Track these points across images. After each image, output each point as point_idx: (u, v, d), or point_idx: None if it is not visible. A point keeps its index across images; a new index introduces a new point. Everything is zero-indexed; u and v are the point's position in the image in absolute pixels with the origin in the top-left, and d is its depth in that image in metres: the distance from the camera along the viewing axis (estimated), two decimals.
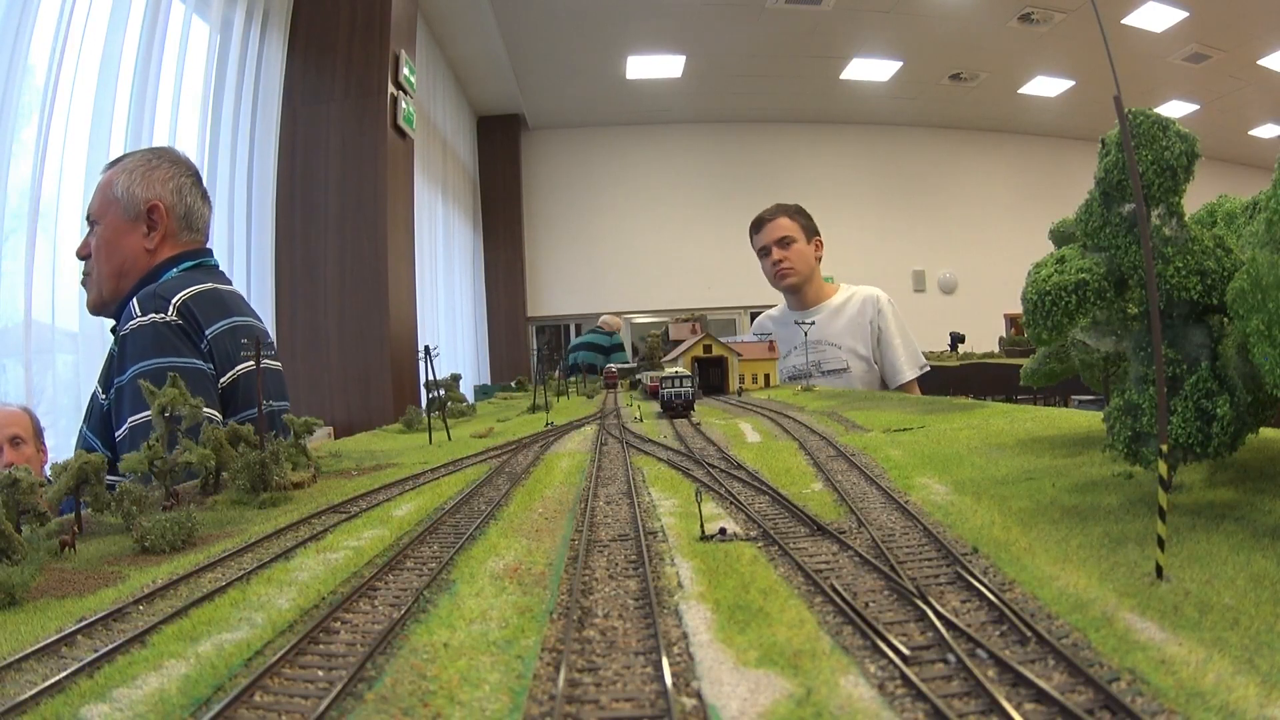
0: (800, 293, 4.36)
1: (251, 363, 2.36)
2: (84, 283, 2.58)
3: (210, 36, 4.71)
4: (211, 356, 2.31)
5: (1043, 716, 0.52)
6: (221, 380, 2.32)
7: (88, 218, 2.56)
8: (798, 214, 4.38)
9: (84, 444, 2.40)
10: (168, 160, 2.60)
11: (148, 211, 2.46)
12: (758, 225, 4.43)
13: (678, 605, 0.76)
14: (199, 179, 2.64)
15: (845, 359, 4.14)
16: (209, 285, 2.46)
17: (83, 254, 2.56)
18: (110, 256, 2.50)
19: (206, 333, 2.31)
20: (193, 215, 2.55)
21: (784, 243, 4.32)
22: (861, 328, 4.13)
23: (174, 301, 2.29)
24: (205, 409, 2.07)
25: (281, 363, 2.98)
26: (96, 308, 2.56)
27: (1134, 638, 0.62)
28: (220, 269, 2.70)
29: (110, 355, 2.36)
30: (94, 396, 2.40)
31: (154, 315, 2.25)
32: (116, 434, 2.23)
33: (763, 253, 4.40)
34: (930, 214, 12.89)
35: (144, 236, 2.46)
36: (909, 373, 4.05)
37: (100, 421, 2.33)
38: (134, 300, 2.31)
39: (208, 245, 2.70)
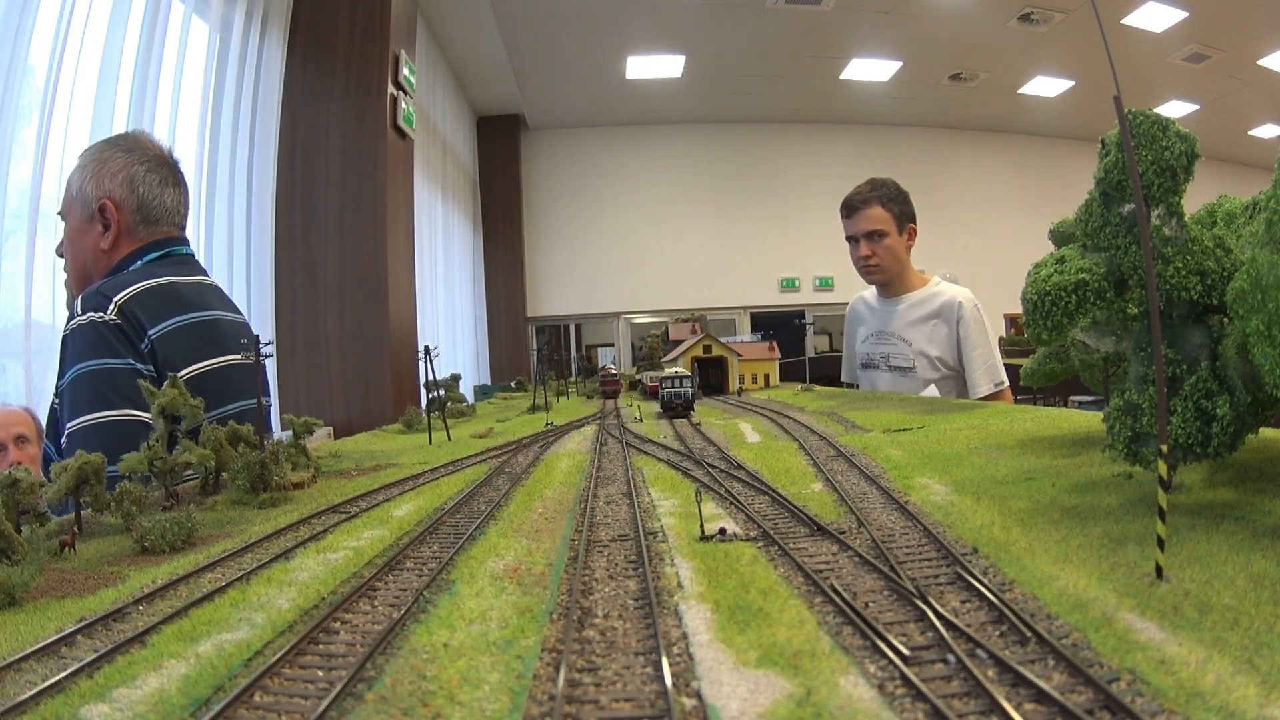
0: (893, 286, 4.03)
1: (201, 364, 2.23)
2: (66, 283, 2.47)
3: (210, 36, 4.71)
4: (153, 358, 2.15)
5: (1043, 716, 0.52)
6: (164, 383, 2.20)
7: (59, 213, 2.43)
8: (892, 201, 3.90)
9: (44, 458, 2.25)
10: (123, 149, 2.40)
11: (99, 210, 2.30)
12: (848, 209, 4.00)
13: (678, 605, 0.76)
14: (163, 163, 2.42)
15: (912, 358, 3.83)
16: (164, 280, 2.28)
17: (60, 252, 2.46)
18: (73, 258, 2.39)
19: (149, 333, 2.16)
20: (149, 206, 2.35)
21: (875, 236, 3.90)
22: (937, 330, 3.80)
23: (115, 300, 2.14)
24: (136, 411, 1.99)
25: (279, 362, 2.94)
26: (70, 305, 2.37)
27: (1134, 638, 0.62)
28: (193, 258, 2.52)
29: (59, 361, 2.21)
30: (51, 406, 2.27)
31: (93, 314, 2.11)
32: (61, 441, 2.09)
33: (850, 240, 4.02)
34: (930, 214, 12.75)
35: (99, 236, 2.32)
36: (983, 387, 3.66)
37: (56, 429, 2.19)
38: (79, 298, 2.19)
39: (180, 234, 2.49)
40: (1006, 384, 3.74)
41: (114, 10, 3.76)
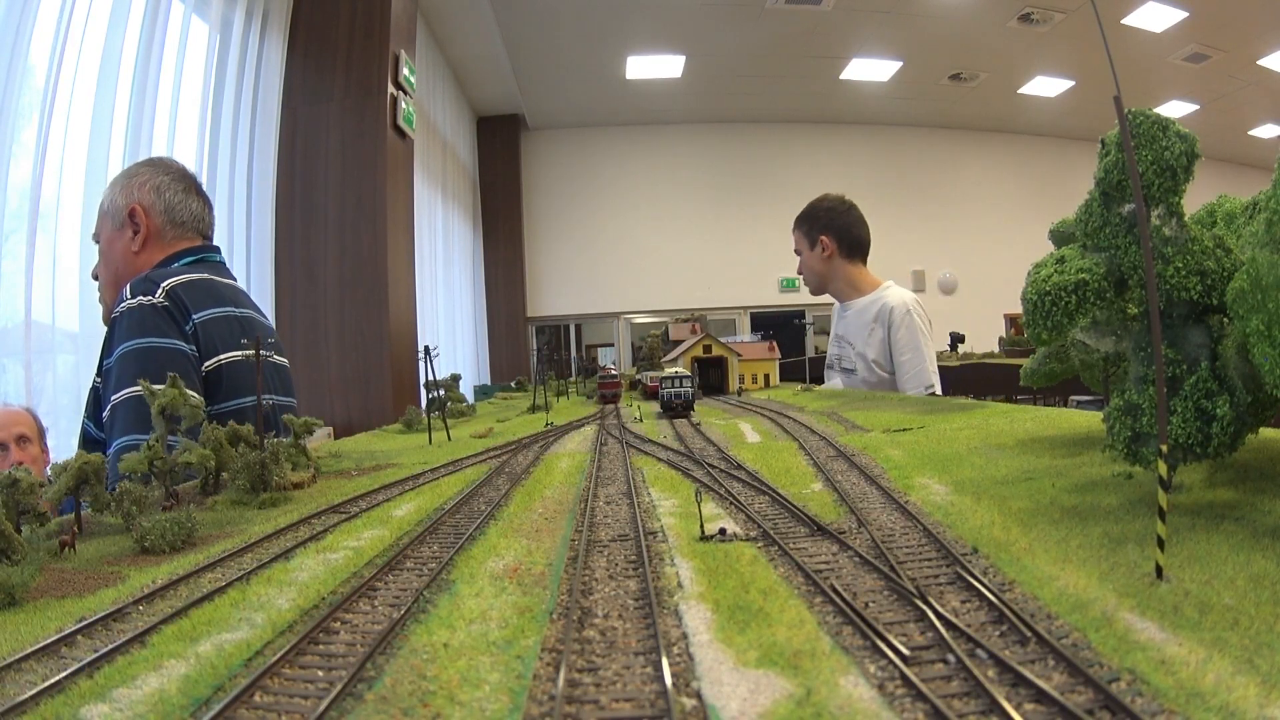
0: (833, 293, 4.43)
1: (238, 353, 2.39)
2: (100, 299, 2.68)
3: (210, 36, 4.70)
4: (196, 340, 2.33)
5: (1043, 716, 0.52)
6: (205, 365, 2.34)
7: (94, 237, 2.65)
8: (801, 221, 4.43)
9: (83, 433, 2.43)
10: (148, 166, 2.67)
11: (129, 215, 2.52)
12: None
13: (677, 605, 0.76)
14: (185, 177, 2.66)
15: (854, 360, 4.12)
16: (204, 276, 2.49)
17: (95, 275, 2.67)
18: (106, 266, 2.59)
19: (194, 317, 2.34)
20: (175, 209, 2.57)
21: (797, 253, 4.44)
22: (874, 334, 4.04)
23: (163, 285, 2.32)
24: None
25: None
26: (106, 319, 2.61)
27: (1134, 638, 0.62)
28: (225, 265, 2.73)
29: (104, 342, 2.40)
30: (93, 386, 2.45)
31: (142, 298, 2.29)
32: (103, 415, 2.25)
33: None
34: (930, 214, 12.87)
35: (130, 240, 2.53)
36: (911, 391, 3.83)
37: (96, 408, 2.37)
38: (127, 286, 2.37)
39: (211, 243, 2.72)
40: (938, 390, 3.92)
41: (114, 10, 3.76)
